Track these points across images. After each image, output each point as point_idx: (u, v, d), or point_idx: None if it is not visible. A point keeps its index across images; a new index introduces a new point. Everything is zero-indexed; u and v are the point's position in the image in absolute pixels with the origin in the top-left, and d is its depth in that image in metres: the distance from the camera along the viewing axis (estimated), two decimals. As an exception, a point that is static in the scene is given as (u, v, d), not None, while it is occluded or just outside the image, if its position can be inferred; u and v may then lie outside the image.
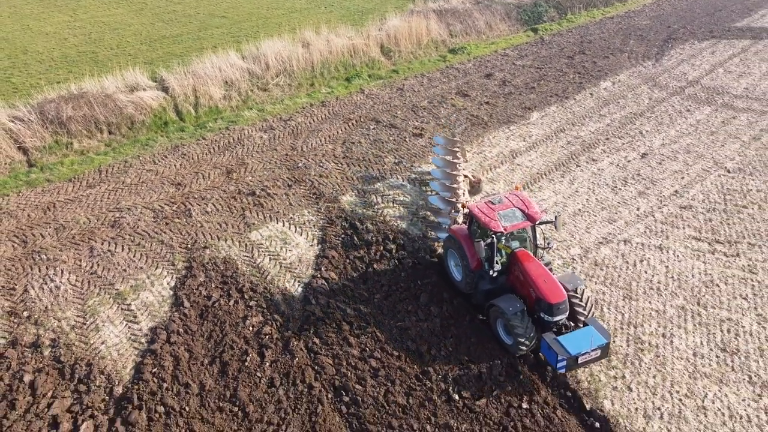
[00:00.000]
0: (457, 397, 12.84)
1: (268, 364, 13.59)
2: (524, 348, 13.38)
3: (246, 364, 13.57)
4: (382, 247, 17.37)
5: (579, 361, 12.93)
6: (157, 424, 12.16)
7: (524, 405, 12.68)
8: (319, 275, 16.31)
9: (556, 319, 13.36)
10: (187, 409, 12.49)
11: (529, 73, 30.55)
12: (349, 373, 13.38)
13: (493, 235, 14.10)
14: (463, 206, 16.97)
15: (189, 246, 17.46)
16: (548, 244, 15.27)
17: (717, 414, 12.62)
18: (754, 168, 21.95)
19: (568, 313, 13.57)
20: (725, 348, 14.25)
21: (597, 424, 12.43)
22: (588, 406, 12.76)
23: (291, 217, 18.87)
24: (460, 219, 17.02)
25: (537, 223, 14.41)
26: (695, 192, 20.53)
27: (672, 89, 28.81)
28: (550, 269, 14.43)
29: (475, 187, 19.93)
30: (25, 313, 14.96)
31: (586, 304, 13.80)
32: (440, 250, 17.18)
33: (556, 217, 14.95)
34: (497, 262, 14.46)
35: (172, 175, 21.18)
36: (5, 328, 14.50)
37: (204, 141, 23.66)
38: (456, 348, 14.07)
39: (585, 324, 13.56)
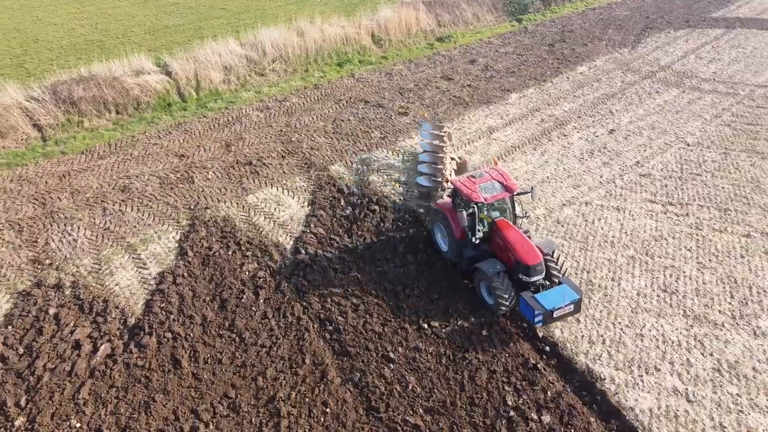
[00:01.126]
0: (426, 326, 14.74)
1: (261, 300, 15.51)
2: (505, 306, 14.59)
3: (242, 300, 15.50)
4: (366, 208, 19.26)
5: (554, 316, 14.14)
6: (166, 347, 14.08)
7: (484, 332, 14.57)
8: (308, 231, 18.22)
9: (533, 279, 14.66)
10: (191, 335, 14.41)
11: (511, 59, 32.44)
12: (333, 308, 15.29)
13: (475, 206, 15.48)
14: (447, 181, 18.62)
15: (192, 207, 19.38)
16: (526, 213, 16.86)
17: (652, 340, 14.49)
18: (711, 142, 23.82)
19: (544, 273, 14.82)
20: (666, 289, 16.13)
21: (547, 348, 14.31)
22: (540, 334, 14.64)
23: (284, 183, 20.79)
24: (446, 194, 18.58)
25: (515, 193, 15.76)
26: (655, 162, 22.41)
27: (644, 73, 30.70)
28: (528, 236, 15.86)
29: (461, 168, 21.25)
30: (47, 261, 16.90)
31: (560, 265, 15.32)
32: (419, 210, 19.08)
33: (532, 188, 16.43)
34: (479, 230, 15.75)
35: (176, 148, 23.10)
36: (30, 273, 16.44)
37: (205, 119, 25.58)
38: (428, 289, 15.98)
39: (559, 283, 14.88)
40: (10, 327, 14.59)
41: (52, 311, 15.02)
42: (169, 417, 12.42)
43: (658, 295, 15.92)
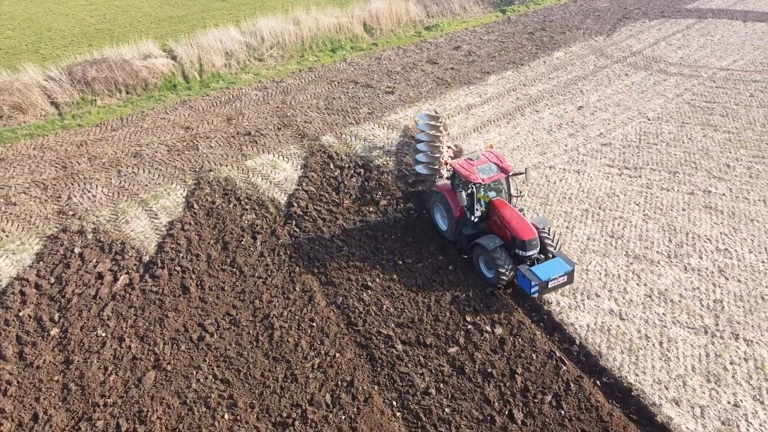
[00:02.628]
0: (400, 263, 17.04)
1: (259, 243, 17.82)
2: (504, 278, 15.58)
3: (242, 243, 17.81)
4: (352, 171, 21.58)
5: (549, 286, 15.24)
6: (176, 277, 16.40)
7: (450, 267, 16.88)
8: (301, 188, 20.53)
9: (529, 253, 15.72)
10: (198, 268, 16.72)
11: (493, 46, 34.74)
12: (321, 249, 17.60)
13: (473, 186, 16.54)
14: (446, 164, 19.70)
15: (197, 170, 21.70)
16: (520, 193, 18.38)
17: (596, 274, 16.77)
18: (670, 117, 26.10)
19: (539, 248, 15.96)
20: (613, 235, 18.43)
21: (504, 279, 16.61)
22: (499, 269, 16.93)
23: (280, 151, 23.10)
24: (444, 176, 19.87)
25: (510, 174, 16.92)
26: (617, 134, 24.69)
27: (616, 58, 32.98)
28: (523, 214, 16.83)
29: (457, 155, 21.80)
30: (71, 212, 19.21)
31: (553, 239, 16.49)
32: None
33: (526, 169, 17.79)
34: (477, 210, 16.78)
35: (182, 121, 25.42)
36: (56, 221, 18.77)
37: (208, 97, 27.92)
38: (404, 234, 18.29)
39: (553, 256, 15.98)
40: (41, 262, 16.92)
41: (77, 251, 17.35)
42: (179, 329, 14.74)
43: (605, 240, 18.23)
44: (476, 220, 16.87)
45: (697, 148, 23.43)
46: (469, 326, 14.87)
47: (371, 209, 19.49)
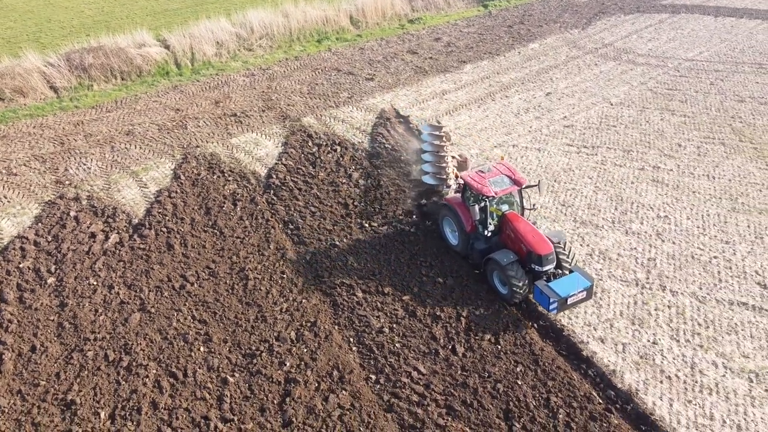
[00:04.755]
0: (367, 226, 18.73)
1: (239, 208, 19.50)
2: (519, 294, 15.13)
3: (223, 208, 19.49)
4: (329, 148, 23.26)
5: (568, 302, 14.64)
6: (162, 237, 18.08)
7: (412, 230, 18.56)
8: (280, 162, 22.20)
9: (545, 268, 15.12)
10: (182, 230, 18.40)
11: (472, 38, 36.44)
12: (295, 214, 19.28)
13: (486, 199, 16.06)
14: (457, 176, 19.18)
15: (185, 146, 23.39)
16: (533, 206, 18.57)
17: (544, 236, 18.45)
18: (632, 102, 27.77)
19: (555, 262, 15.38)
20: (564, 203, 20.11)
21: (460, 241, 18.27)
22: (457, 232, 18.57)
23: (263, 130, 24.79)
24: (453, 189, 19.27)
25: (523, 187, 16.40)
26: (579, 117, 26.36)
27: (587, 49, 34.67)
28: (537, 227, 16.41)
29: (462, 165, 21.43)
30: (67, 182, 20.91)
31: (569, 253, 15.95)
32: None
33: (539, 181, 16.73)
34: (490, 224, 16.35)
35: (173, 104, 27.12)
36: (54, 190, 20.47)
37: (198, 83, 29.63)
38: (372, 202, 19.96)
39: (570, 271, 15.41)
40: (39, 224, 18.61)
41: (72, 214, 19.04)
42: (163, 279, 16.42)
43: (556, 208, 19.91)
44: (489, 234, 16.49)
45: (653, 129, 25.10)
46: (424, 278, 16.54)
47: (344, 180, 21.16)
